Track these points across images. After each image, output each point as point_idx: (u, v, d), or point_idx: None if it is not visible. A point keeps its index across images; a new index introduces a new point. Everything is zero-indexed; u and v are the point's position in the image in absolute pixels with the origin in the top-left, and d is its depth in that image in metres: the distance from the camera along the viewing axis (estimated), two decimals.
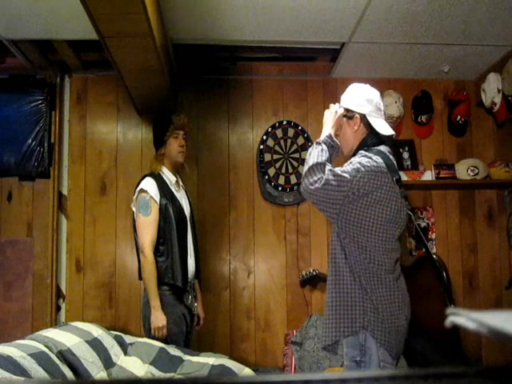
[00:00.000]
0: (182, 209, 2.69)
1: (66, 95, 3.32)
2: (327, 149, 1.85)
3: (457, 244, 3.43)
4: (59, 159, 3.25)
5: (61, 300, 3.19)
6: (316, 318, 3.04)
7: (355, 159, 1.83)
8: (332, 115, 1.97)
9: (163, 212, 2.58)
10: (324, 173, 1.72)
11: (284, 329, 3.26)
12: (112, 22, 2.07)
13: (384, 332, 1.75)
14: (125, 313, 3.19)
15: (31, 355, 1.81)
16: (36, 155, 3.23)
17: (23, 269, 3.17)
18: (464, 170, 3.26)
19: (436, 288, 2.44)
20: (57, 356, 1.94)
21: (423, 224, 3.42)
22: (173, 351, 2.39)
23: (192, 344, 2.73)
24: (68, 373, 1.93)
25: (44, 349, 1.93)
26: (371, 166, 1.76)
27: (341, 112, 1.97)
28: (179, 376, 2.25)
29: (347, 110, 1.97)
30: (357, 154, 1.89)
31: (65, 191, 3.27)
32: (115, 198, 3.27)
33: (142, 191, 2.58)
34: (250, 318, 3.27)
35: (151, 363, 2.33)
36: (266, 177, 3.35)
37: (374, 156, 1.81)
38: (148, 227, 2.54)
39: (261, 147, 3.38)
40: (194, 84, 3.40)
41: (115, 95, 3.34)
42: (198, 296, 2.82)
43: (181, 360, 2.36)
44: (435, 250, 3.37)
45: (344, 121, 1.98)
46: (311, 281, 3.24)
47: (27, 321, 3.12)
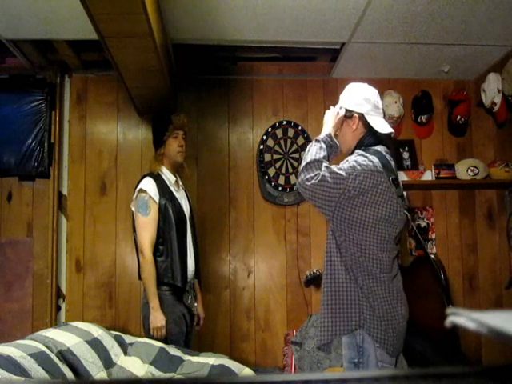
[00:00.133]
0: (182, 209, 2.69)
1: (66, 95, 3.32)
2: (326, 147, 1.86)
3: (457, 244, 3.43)
4: (59, 159, 3.25)
5: (61, 300, 3.19)
6: (316, 318, 3.04)
7: (352, 158, 1.84)
8: (333, 116, 1.98)
9: (163, 212, 2.58)
10: (321, 169, 1.73)
11: (284, 329, 3.26)
12: (112, 22, 2.07)
13: (380, 330, 1.76)
14: (125, 313, 3.19)
15: (31, 355, 1.81)
16: (36, 155, 3.23)
17: (23, 269, 3.17)
18: (464, 170, 3.26)
19: (434, 288, 2.44)
20: (57, 356, 1.95)
21: (423, 224, 3.42)
22: (173, 351, 2.39)
23: (192, 344, 2.73)
24: (68, 373, 1.93)
25: (44, 349, 1.93)
26: (367, 165, 1.77)
27: (342, 113, 1.98)
28: (179, 376, 2.25)
29: (346, 110, 1.97)
30: (353, 153, 1.90)
31: (65, 191, 3.27)
32: (115, 198, 3.27)
33: (142, 191, 2.58)
34: (250, 318, 3.27)
35: (151, 363, 2.33)
36: (266, 177, 3.35)
37: (370, 156, 1.82)
38: (147, 227, 2.54)
39: (261, 147, 3.38)
40: (194, 84, 3.40)
41: (115, 95, 3.33)
42: (198, 296, 2.82)
43: (181, 360, 2.36)
44: (435, 250, 3.37)
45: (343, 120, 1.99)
46: (315, 281, 3.25)
47: (27, 321, 3.12)
